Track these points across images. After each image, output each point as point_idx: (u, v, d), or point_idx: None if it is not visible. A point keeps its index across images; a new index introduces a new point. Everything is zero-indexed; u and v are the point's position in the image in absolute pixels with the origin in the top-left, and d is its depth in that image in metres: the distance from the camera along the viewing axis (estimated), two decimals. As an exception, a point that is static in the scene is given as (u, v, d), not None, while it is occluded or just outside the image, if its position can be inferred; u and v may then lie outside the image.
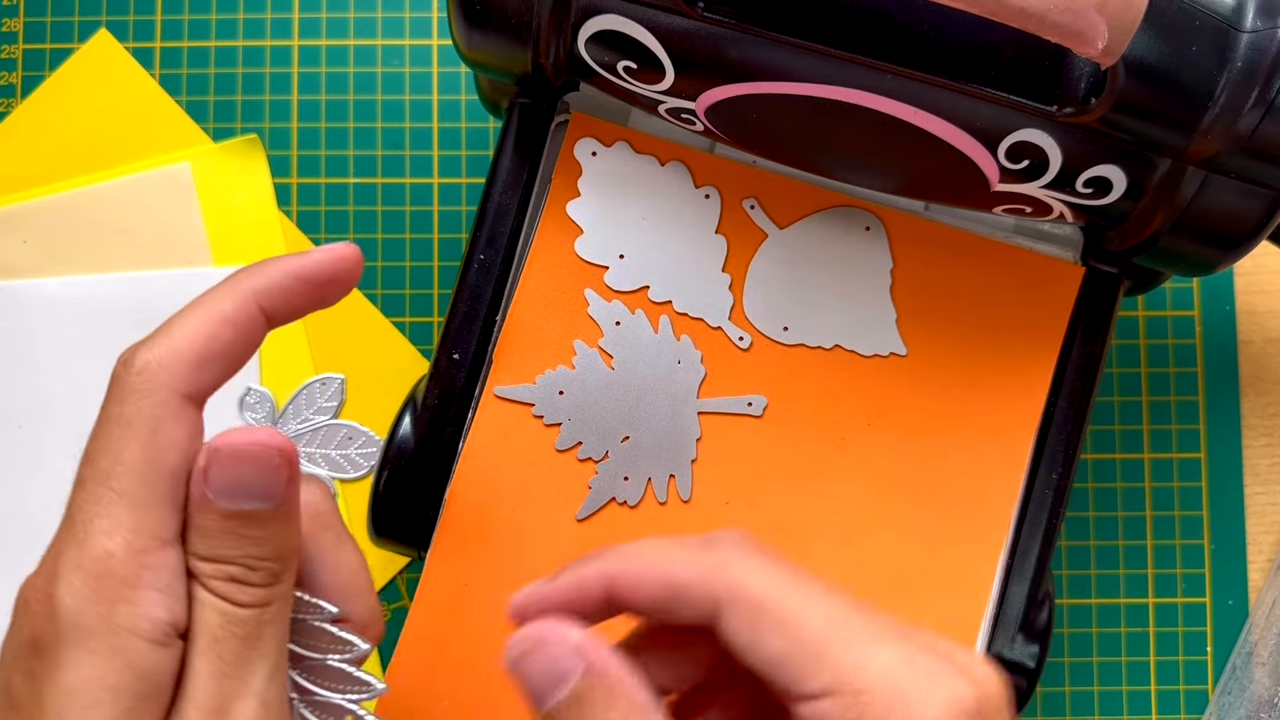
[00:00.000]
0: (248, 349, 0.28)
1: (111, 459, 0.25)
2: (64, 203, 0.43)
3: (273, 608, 0.25)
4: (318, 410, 0.44)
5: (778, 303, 0.36)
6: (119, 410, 0.26)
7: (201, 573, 0.25)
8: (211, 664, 0.24)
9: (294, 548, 0.26)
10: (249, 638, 0.25)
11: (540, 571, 0.34)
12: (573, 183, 0.36)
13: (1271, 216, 0.31)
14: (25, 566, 0.44)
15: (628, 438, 0.35)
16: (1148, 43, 0.28)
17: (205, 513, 0.25)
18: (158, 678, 0.24)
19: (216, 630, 0.24)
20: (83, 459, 0.25)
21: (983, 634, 0.35)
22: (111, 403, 0.26)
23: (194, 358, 0.26)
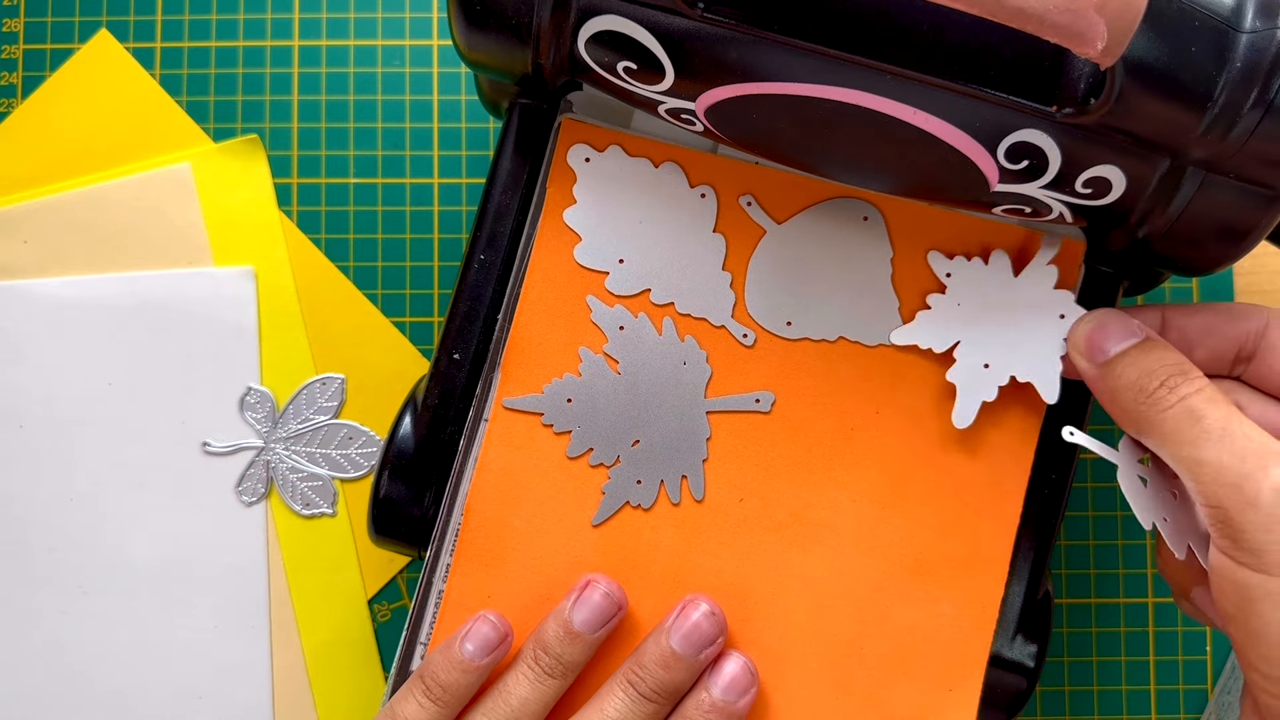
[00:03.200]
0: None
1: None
2: (64, 203, 0.43)
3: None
4: (318, 410, 0.44)
5: (780, 298, 0.36)
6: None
7: None
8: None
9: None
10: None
11: (560, 581, 0.35)
12: (568, 190, 0.36)
13: (1272, 217, 0.31)
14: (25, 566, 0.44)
15: (638, 441, 0.35)
16: (1147, 43, 0.28)
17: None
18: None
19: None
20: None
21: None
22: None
23: None
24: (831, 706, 0.35)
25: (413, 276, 0.44)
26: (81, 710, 0.42)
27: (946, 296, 0.35)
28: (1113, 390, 0.32)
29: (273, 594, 0.42)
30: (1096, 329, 0.33)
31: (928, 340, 0.35)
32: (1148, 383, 0.31)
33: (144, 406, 0.43)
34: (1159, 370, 0.31)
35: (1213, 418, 0.30)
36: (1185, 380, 0.31)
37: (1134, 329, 0.33)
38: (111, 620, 0.42)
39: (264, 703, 0.42)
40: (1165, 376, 0.31)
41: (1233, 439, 0.29)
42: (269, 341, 0.43)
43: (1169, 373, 0.31)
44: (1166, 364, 0.32)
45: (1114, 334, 0.33)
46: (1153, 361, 0.32)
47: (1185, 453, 0.30)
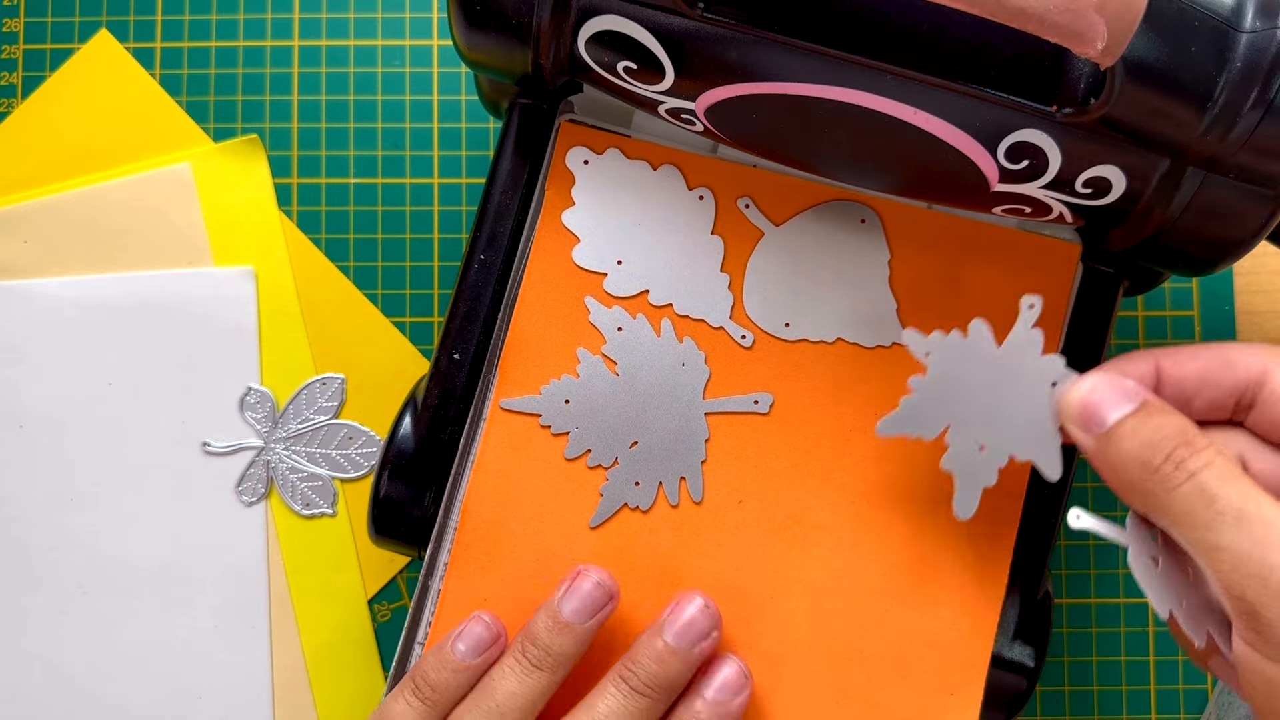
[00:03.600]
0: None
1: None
2: (64, 203, 0.43)
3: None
4: (318, 410, 0.44)
5: (778, 300, 0.36)
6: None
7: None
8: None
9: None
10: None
11: (556, 583, 0.34)
12: (566, 192, 0.36)
13: (1271, 216, 0.31)
14: (25, 565, 0.44)
15: (636, 442, 0.35)
16: (1147, 43, 0.28)
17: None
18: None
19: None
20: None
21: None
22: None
23: None
24: (831, 710, 0.35)
25: (413, 276, 0.44)
26: (81, 710, 0.42)
27: (928, 378, 0.32)
28: (1114, 465, 0.30)
29: (273, 594, 0.42)
30: (1090, 396, 0.31)
31: (915, 429, 0.33)
32: (1152, 457, 0.29)
33: (144, 406, 0.43)
34: (1162, 442, 0.29)
35: (1227, 498, 0.28)
36: (1193, 453, 0.29)
37: (1130, 392, 0.30)
38: (111, 620, 0.42)
39: (264, 703, 0.42)
40: (1170, 449, 0.29)
41: (1251, 523, 0.27)
42: (269, 341, 0.43)
43: (1173, 444, 0.29)
44: (1169, 434, 0.29)
45: (1109, 400, 0.31)
46: (1154, 431, 0.29)
47: (1200, 536, 0.28)
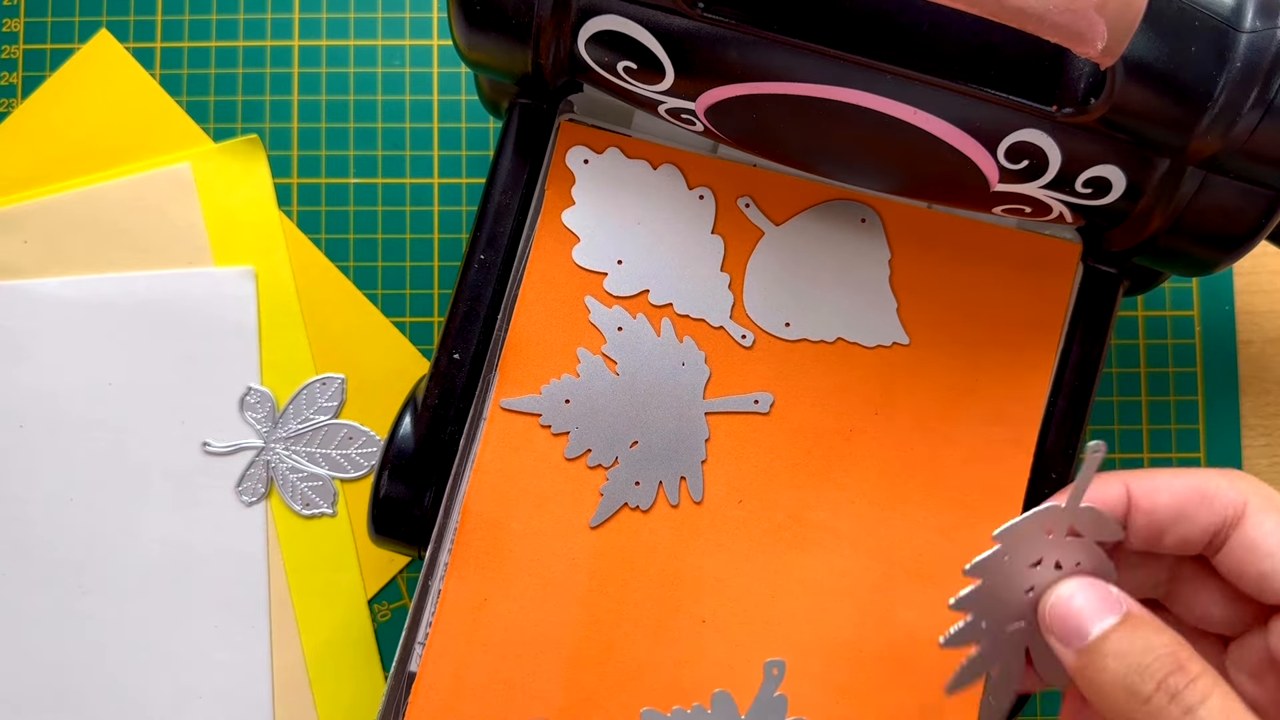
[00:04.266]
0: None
1: None
2: (64, 203, 0.43)
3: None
4: (318, 410, 0.44)
5: (778, 299, 0.36)
6: None
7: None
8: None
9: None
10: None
11: (557, 583, 0.34)
12: (566, 191, 0.36)
13: (1271, 216, 0.31)
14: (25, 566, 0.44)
15: (636, 442, 0.35)
16: (1147, 43, 0.28)
17: None
18: None
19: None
20: None
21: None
22: None
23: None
24: (830, 709, 0.35)
25: (413, 276, 0.44)
26: (81, 710, 0.42)
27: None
28: (1098, 687, 0.28)
29: (273, 594, 0.42)
30: (1067, 606, 0.29)
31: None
32: (1141, 685, 0.27)
33: (144, 406, 0.43)
34: (1153, 666, 0.27)
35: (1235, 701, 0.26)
36: (1187, 681, 0.27)
37: (1113, 602, 0.29)
38: (111, 620, 0.42)
39: (264, 703, 0.42)
40: (1163, 675, 0.27)
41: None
42: (269, 341, 0.43)
43: (1166, 670, 0.27)
44: (1160, 655, 0.27)
45: (1090, 611, 0.29)
46: (1144, 653, 0.27)
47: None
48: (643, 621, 0.35)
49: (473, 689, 0.34)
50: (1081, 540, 0.31)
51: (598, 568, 0.35)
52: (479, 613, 0.34)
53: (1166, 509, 0.30)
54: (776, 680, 0.34)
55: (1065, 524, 0.31)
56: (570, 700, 0.34)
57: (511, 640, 0.34)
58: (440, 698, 0.34)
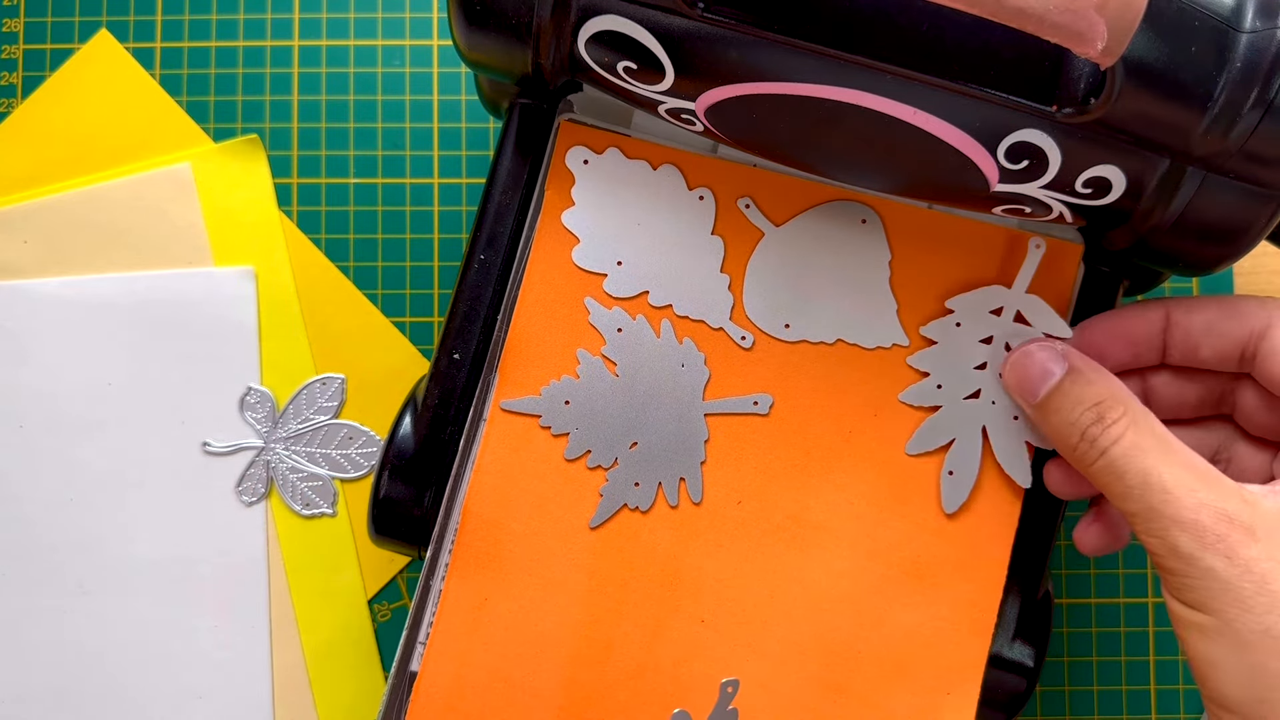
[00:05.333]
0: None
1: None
2: (64, 203, 0.44)
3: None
4: (318, 410, 0.44)
5: (778, 300, 0.36)
6: None
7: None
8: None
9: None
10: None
11: (557, 583, 0.35)
12: (566, 192, 0.36)
13: (1271, 217, 0.31)
14: (25, 566, 0.44)
15: (636, 443, 0.35)
16: (1147, 43, 0.28)
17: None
18: None
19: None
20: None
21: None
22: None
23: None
24: (829, 709, 0.35)
25: (413, 276, 0.44)
26: (81, 710, 0.42)
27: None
28: (1049, 437, 0.33)
29: (273, 594, 0.42)
30: (1016, 368, 0.33)
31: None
32: (1069, 435, 0.31)
33: (144, 406, 0.43)
34: (1079, 418, 0.31)
35: (1132, 474, 0.30)
36: (1104, 428, 0.31)
37: (1052, 363, 0.32)
38: (111, 620, 0.42)
39: (264, 703, 0.42)
40: (1086, 425, 0.31)
41: (1150, 493, 0.30)
42: (269, 341, 0.43)
43: (1089, 421, 0.31)
44: (1086, 407, 0.31)
45: (1035, 373, 0.33)
46: (1073, 406, 0.31)
47: (1119, 506, 0.31)
48: (642, 621, 0.35)
49: (473, 688, 0.34)
50: (1031, 329, 0.35)
51: (597, 568, 0.35)
52: (479, 612, 0.34)
53: (1199, 324, 0.33)
54: (730, 696, 0.34)
55: (1013, 308, 0.35)
56: (570, 700, 0.34)
57: (512, 640, 0.34)
58: (441, 697, 0.34)
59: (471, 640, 0.34)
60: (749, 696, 0.34)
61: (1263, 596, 0.28)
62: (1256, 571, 0.29)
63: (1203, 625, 0.29)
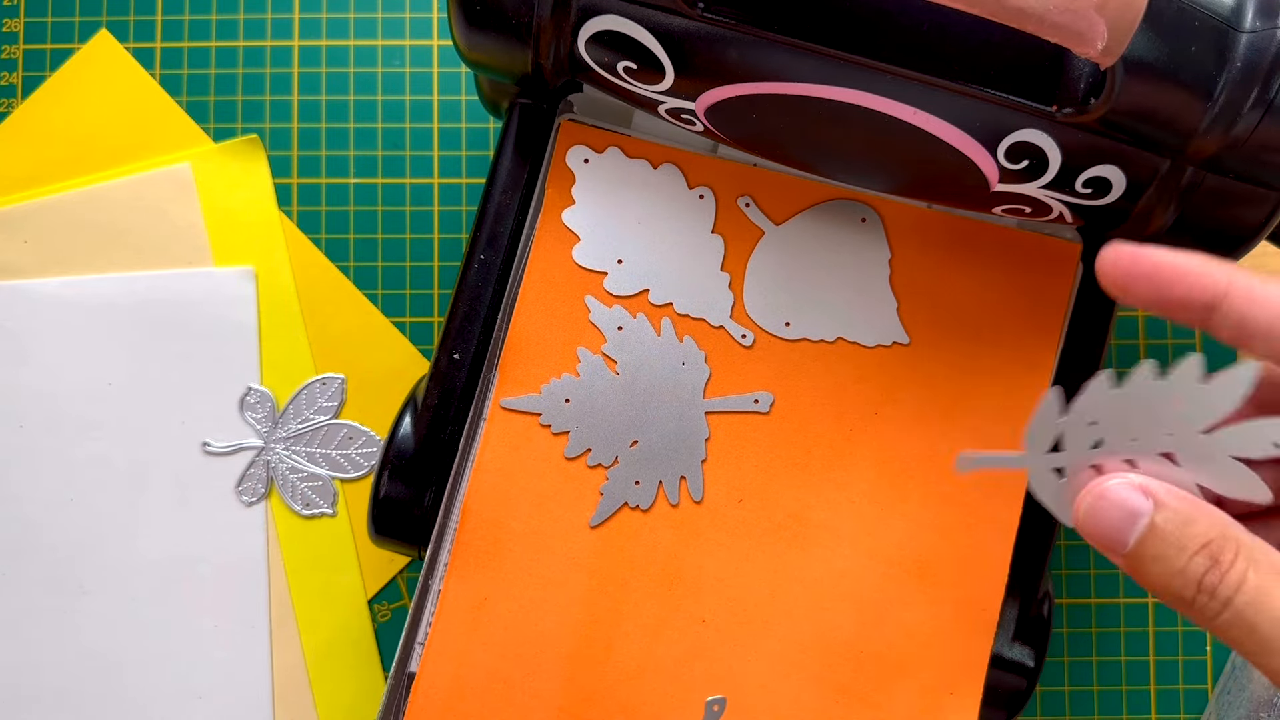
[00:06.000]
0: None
1: None
2: (64, 203, 0.43)
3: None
4: (318, 410, 0.44)
5: (778, 299, 0.36)
6: None
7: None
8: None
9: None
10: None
11: (557, 583, 0.35)
12: (566, 191, 0.36)
13: (1271, 216, 0.31)
14: (25, 566, 0.44)
15: (636, 441, 0.35)
16: (1147, 43, 0.28)
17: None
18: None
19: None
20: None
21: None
22: None
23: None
24: (830, 709, 0.35)
25: (413, 276, 0.44)
26: (82, 710, 0.42)
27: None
28: (1152, 588, 0.27)
29: (273, 594, 0.42)
30: (1095, 514, 0.28)
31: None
32: (1183, 590, 0.26)
33: (144, 406, 0.43)
34: (1190, 568, 0.26)
35: (1265, 625, 0.25)
36: (1223, 575, 0.26)
37: (1136, 507, 0.27)
38: (111, 620, 0.42)
39: (264, 703, 0.42)
40: (1200, 575, 0.26)
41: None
42: (269, 341, 0.43)
43: (1202, 569, 0.26)
44: (1193, 550, 0.26)
45: (1117, 518, 0.27)
46: (1179, 554, 0.26)
47: (1255, 663, 0.26)
48: (643, 621, 0.35)
49: (472, 688, 0.34)
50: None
51: (598, 567, 0.35)
52: (479, 612, 0.34)
53: (1264, 319, 0.27)
54: (716, 715, 0.34)
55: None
56: (570, 699, 0.34)
57: (511, 639, 0.34)
58: (440, 697, 0.34)
59: (470, 640, 0.34)
60: (750, 696, 0.34)
61: None
62: None
63: None
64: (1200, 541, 0.26)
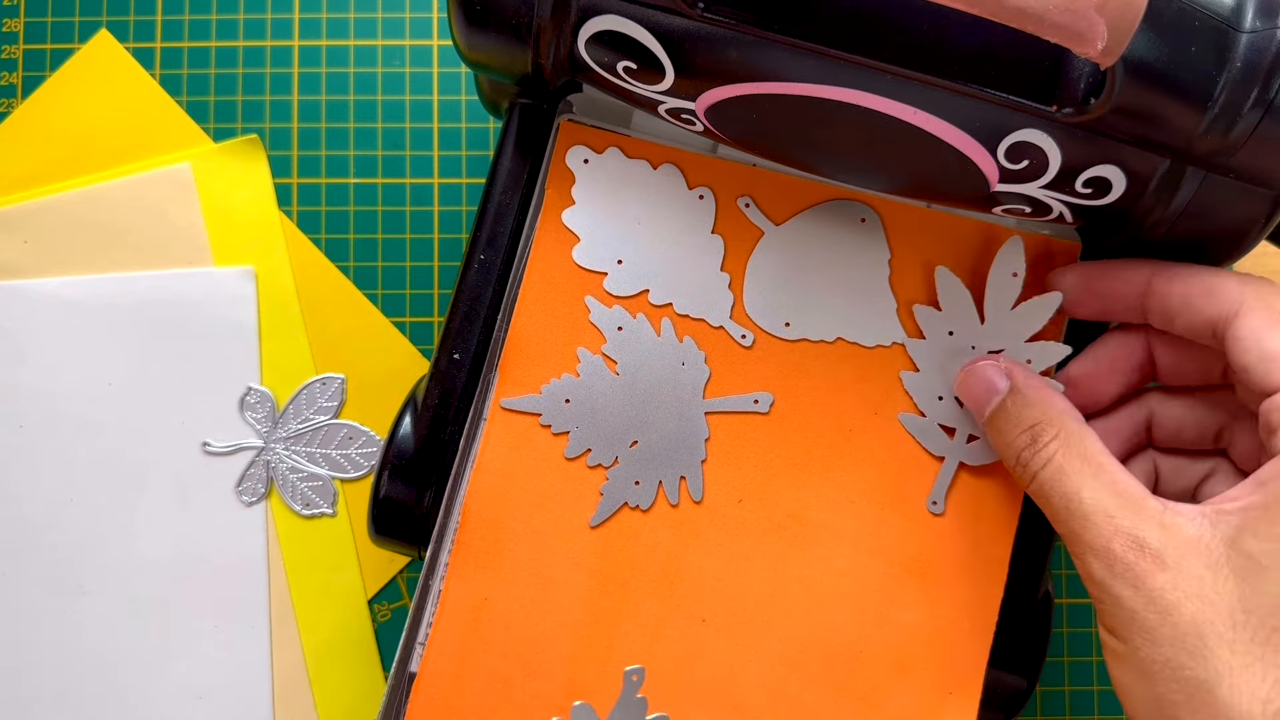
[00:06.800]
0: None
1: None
2: (64, 203, 0.43)
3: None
4: (318, 410, 0.44)
5: (778, 299, 0.36)
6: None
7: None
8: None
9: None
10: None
11: (557, 582, 0.34)
12: (566, 191, 0.36)
13: (1271, 216, 0.31)
14: (25, 566, 0.44)
15: (636, 442, 0.35)
16: (1147, 43, 0.28)
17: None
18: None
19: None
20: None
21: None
22: None
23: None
24: (829, 709, 0.35)
25: (413, 276, 0.44)
26: (81, 710, 0.42)
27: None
28: (1000, 454, 0.33)
29: (273, 594, 0.42)
30: (965, 384, 0.34)
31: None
32: (1007, 457, 0.32)
33: (144, 406, 0.43)
34: (1015, 440, 0.32)
35: (1056, 498, 0.30)
36: (1035, 452, 0.31)
37: (996, 381, 0.33)
38: (111, 620, 0.42)
39: (264, 703, 0.42)
40: (1020, 449, 0.32)
41: (1071, 519, 0.30)
42: (269, 341, 0.43)
43: (1022, 445, 0.32)
44: (1023, 428, 0.32)
45: (980, 391, 0.33)
46: (1011, 427, 0.32)
47: (1054, 525, 0.31)
48: (643, 621, 0.35)
49: (473, 688, 0.34)
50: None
51: (598, 567, 0.35)
52: (479, 612, 0.34)
53: (1177, 295, 0.32)
54: (636, 685, 0.34)
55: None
56: (570, 700, 0.34)
57: (512, 639, 0.34)
58: (440, 697, 0.34)
59: (471, 640, 0.34)
60: (749, 696, 0.34)
61: (1165, 628, 0.28)
62: (1160, 602, 0.28)
63: (1116, 651, 0.29)
64: (1030, 421, 0.32)
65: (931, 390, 0.35)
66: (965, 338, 0.35)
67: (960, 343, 0.35)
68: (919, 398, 0.35)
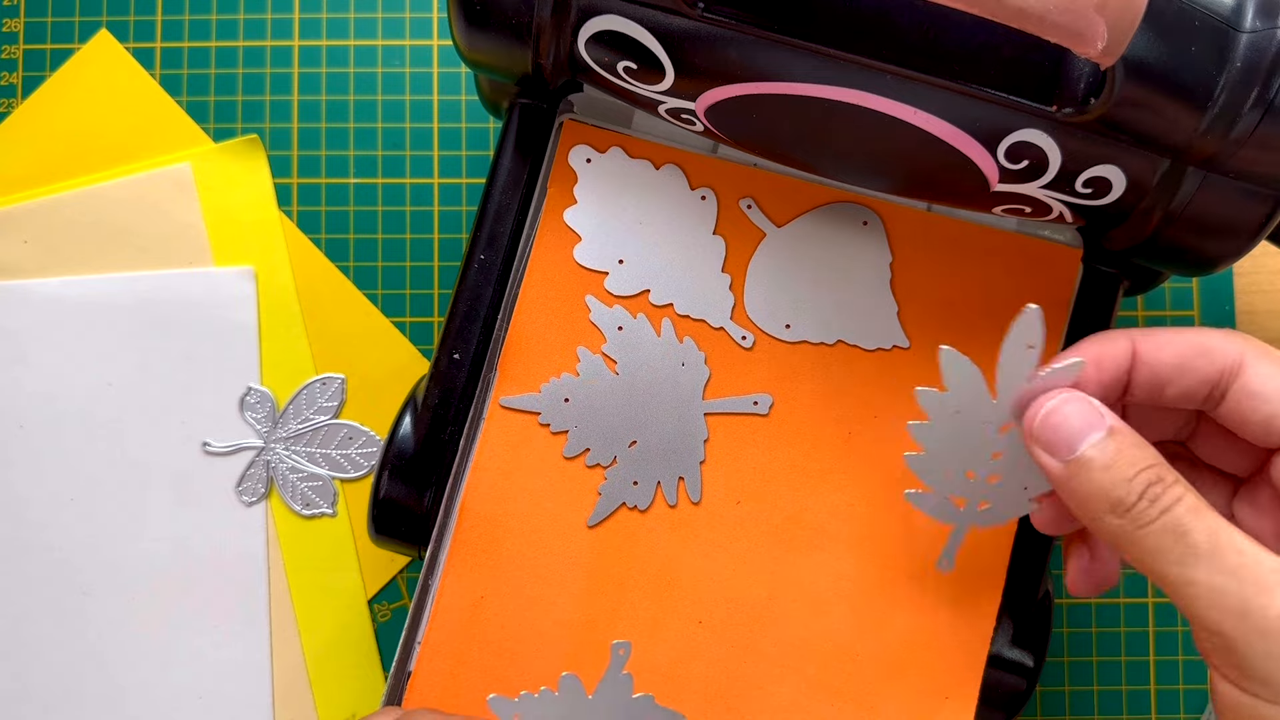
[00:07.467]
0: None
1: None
2: (64, 203, 0.43)
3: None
4: (318, 410, 0.44)
5: (779, 301, 0.36)
6: None
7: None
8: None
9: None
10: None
11: (554, 582, 0.34)
12: (568, 190, 0.36)
13: (1271, 216, 0.31)
14: (25, 566, 0.44)
15: (635, 442, 0.35)
16: (1147, 43, 0.28)
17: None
18: None
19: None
20: None
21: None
22: None
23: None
24: (826, 712, 0.35)
25: (413, 276, 0.44)
26: (81, 710, 0.42)
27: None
28: (1082, 496, 0.29)
29: (273, 594, 0.42)
30: (1058, 418, 0.30)
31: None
32: (1125, 495, 0.28)
33: (144, 406, 0.43)
34: (1136, 479, 0.28)
35: (1199, 531, 0.28)
36: (1165, 489, 0.28)
37: (1098, 418, 0.29)
38: (111, 620, 0.42)
39: (264, 703, 0.42)
40: (1145, 485, 0.28)
41: (1224, 555, 0.27)
42: (269, 341, 0.43)
43: (1147, 480, 0.28)
44: (1141, 466, 0.29)
45: (1079, 424, 0.29)
46: (1129, 465, 0.29)
47: (1174, 572, 0.28)
48: (639, 621, 0.35)
49: (468, 686, 0.34)
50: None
51: (595, 567, 0.35)
52: (475, 610, 0.35)
53: (1169, 361, 0.31)
54: (622, 660, 0.34)
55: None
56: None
57: (508, 638, 0.34)
58: (436, 694, 0.34)
59: (467, 638, 0.34)
60: (745, 698, 0.34)
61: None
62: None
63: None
64: (1149, 462, 0.29)
65: (939, 468, 0.33)
66: (975, 415, 0.32)
67: (969, 421, 0.32)
68: (926, 478, 0.33)
